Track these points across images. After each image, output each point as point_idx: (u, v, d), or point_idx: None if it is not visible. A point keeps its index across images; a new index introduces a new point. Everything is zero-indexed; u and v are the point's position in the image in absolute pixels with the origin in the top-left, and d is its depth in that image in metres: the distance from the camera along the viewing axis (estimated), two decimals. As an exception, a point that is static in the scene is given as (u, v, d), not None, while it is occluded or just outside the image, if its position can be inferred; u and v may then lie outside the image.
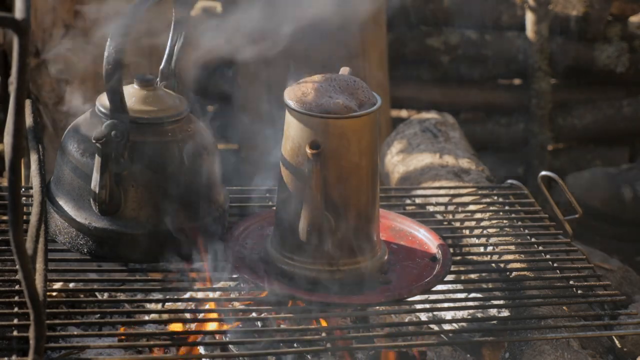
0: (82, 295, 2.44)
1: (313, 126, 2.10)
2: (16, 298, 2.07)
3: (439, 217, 2.73)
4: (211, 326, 2.20)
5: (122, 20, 2.11)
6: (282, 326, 2.20)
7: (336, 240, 2.13)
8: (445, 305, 2.31)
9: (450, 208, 2.75)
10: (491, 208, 2.73)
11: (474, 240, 2.61)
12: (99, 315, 2.26)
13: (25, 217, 2.11)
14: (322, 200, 2.08)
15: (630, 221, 3.76)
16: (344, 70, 2.24)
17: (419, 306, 2.38)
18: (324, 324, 2.19)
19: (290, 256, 2.17)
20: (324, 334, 2.12)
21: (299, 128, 2.11)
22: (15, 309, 2.04)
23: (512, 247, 2.54)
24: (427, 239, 2.40)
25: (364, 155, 2.14)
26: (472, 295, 2.31)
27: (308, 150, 2.05)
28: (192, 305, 2.29)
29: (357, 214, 2.16)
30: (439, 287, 2.29)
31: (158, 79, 2.32)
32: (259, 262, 2.23)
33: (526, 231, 2.61)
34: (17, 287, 2.11)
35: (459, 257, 2.50)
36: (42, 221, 1.93)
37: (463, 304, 2.28)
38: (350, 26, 3.88)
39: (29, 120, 2.32)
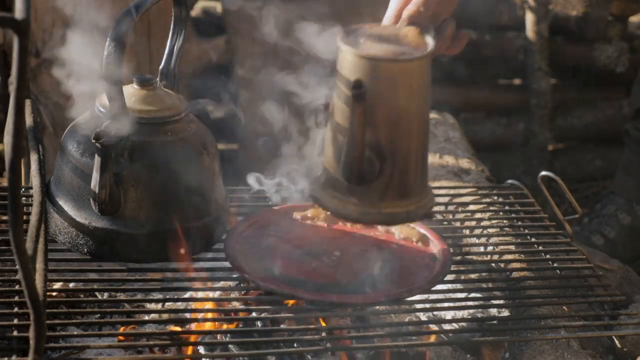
0: (82, 295, 2.44)
1: (362, 68, 2.08)
2: (16, 298, 2.07)
3: (439, 217, 2.73)
4: (211, 326, 2.20)
5: (121, 20, 2.11)
6: (282, 326, 2.20)
7: (380, 183, 2.12)
8: (445, 305, 2.31)
9: (450, 208, 2.75)
10: (491, 208, 2.73)
11: (474, 240, 2.61)
12: (99, 315, 2.26)
13: (25, 217, 2.11)
14: (363, 140, 2.06)
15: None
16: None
17: (419, 306, 2.38)
18: (323, 324, 2.19)
19: (337, 195, 2.15)
20: (324, 334, 2.12)
21: (349, 70, 2.09)
22: (15, 309, 2.04)
23: (512, 247, 2.54)
24: (428, 239, 2.40)
25: (413, 100, 2.12)
26: (472, 295, 2.31)
27: (351, 90, 2.04)
28: (192, 305, 2.29)
29: (403, 158, 2.13)
30: (439, 287, 2.29)
31: (158, 79, 2.32)
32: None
33: (526, 231, 2.61)
34: (17, 287, 2.11)
35: (459, 257, 2.50)
36: (42, 221, 1.93)
37: (463, 304, 2.28)
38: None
39: (29, 120, 2.32)
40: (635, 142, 3.72)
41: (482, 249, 2.57)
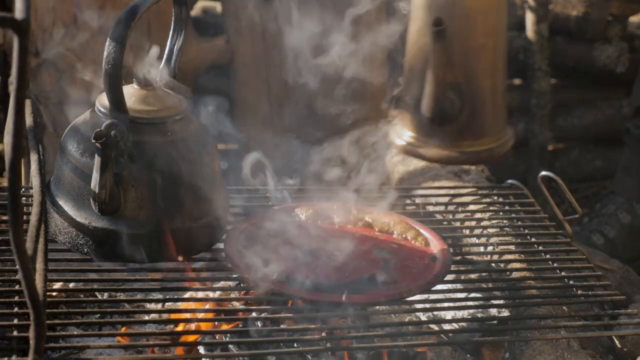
0: (82, 295, 2.44)
1: (439, 6, 2.06)
2: (16, 298, 2.07)
3: (439, 217, 2.73)
4: (211, 326, 2.20)
5: (121, 20, 2.11)
6: (282, 326, 2.20)
7: (461, 122, 2.10)
8: (445, 305, 2.31)
9: (450, 208, 2.75)
10: (491, 208, 2.73)
11: (474, 240, 2.61)
12: (99, 315, 2.26)
13: (25, 217, 2.11)
14: (445, 79, 2.04)
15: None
16: None
17: (419, 306, 2.38)
18: (323, 324, 2.19)
19: (417, 138, 2.14)
20: (324, 334, 2.12)
21: (425, 8, 2.07)
22: (15, 309, 2.04)
23: (512, 247, 2.54)
24: (428, 239, 2.41)
25: (489, 36, 2.11)
26: (472, 295, 2.31)
27: (431, 28, 2.02)
28: (192, 305, 2.29)
29: (482, 96, 2.11)
30: (439, 287, 2.29)
31: (158, 79, 2.32)
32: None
33: (526, 231, 2.61)
34: (17, 287, 2.11)
35: (459, 257, 2.50)
36: (42, 221, 1.93)
37: (463, 304, 2.28)
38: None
39: (29, 120, 2.32)
40: (636, 140, 3.72)
41: (482, 249, 2.57)
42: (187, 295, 2.25)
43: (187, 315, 2.25)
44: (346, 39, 2.17)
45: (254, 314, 2.23)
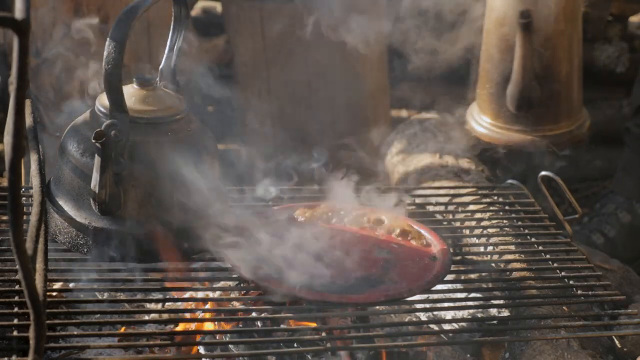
0: (82, 295, 2.44)
1: None
2: (16, 298, 2.07)
3: (439, 217, 2.73)
4: (211, 326, 2.20)
5: (121, 20, 2.11)
6: (282, 326, 2.20)
7: (543, 107, 2.16)
8: (445, 305, 2.31)
9: (450, 208, 2.75)
10: (491, 208, 2.73)
11: (474, 240, 2.61)
12: (99, 315, 2.26)
13: (25, 217, 2.11)
14: (532, 69, 2.09)
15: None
16: None
17: (419, 306, 2.38)
18: (323, 323, 2.19)
19: (499, 125, 2.18)
20: (324, 334, 2.12)
21: (508, 2, 2.12)
22: (15, 309, 2.04)
23: (512, 247, 2.54)
24: (428, 239, 2.41)
25: (569, 21, 2.17)
26: (472, 295, 2.31)
27: (519, 20, 2.06)
28: (192, 305, 2.29)
29: (563, 81, 2.17)
30: (439, 287, 2.29)
31: (158, 79, 2.32)
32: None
33: (526, 231, 2.61)
34: (17, 287, 2.11)
35: (459, 257, 2.50)
36: (42, 221, 1.93)
37: (463, 304, 2.28)
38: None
39: (29, 120, 2.32)
40: (636, 139, 3.72)
41: (482, 249, 2.57)
42: (187, 295, 2.25)
43: (187, 315, 2.25)
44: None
45: (254, 314, 2.23)
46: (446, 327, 2.29)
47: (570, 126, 2.23)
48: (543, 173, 2.71)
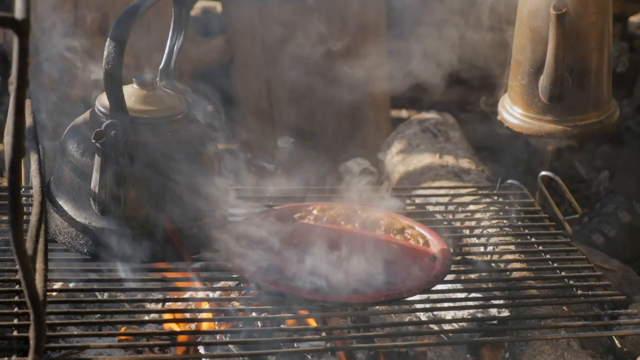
0: (82, 295, 2.44)
1: None
2: (16, 298, 2.07)
3: (439, 217, 2.73)
4: (211, 326, 2.20)
5: (121, 20, 2.10)
6: (282, 326, 2.20)
7: (574, 97, 2.22)
8: (445, 305, 2.31)
9: (450, 208, 2.75)
10: (491, 208, 2.73)
11: (474, 240, 2.60)
12: (99, 315, 2.26)
13: (25, 217, 2.11)
14: (564, 61, 2.18)
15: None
16: None
17: (419, 306, 2.38)
18: (324, 323, 2.19)
19: (530, 116, 2.24)
20: (324, 334, 2.12)
21: None
22: (15, 309, 2.04)
23: (512, 247, 2.54)
24: (428, 239, 2.41)
25: (600, 14, 2.24)
26: (472, 295, 2.31)
27: (552, 12, 2.12)
28: (192, 305, 2.29)
29: (594, 72, 2.26)
30: (439, 287, 2.29)
31: (158, 79, 2.32)
32: None
33: (526, 231, 2.61)
34: (17, 287, 2.11)
35: (459, 257, 2.50)
36: (42, 221, 1.93)
37: (463, 304, 2.28)
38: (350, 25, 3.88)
39: (29, 120, 2.32)
40: (636, 138, 3.73)
41: (482, 249, 2.57)
42: (187, 295, 2.25)
43: (187, 315, 2.25)
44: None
45: (254, 314, 2.23)
46: (446, 327, 2.29)
47: (600, 116, 2.30)
48: (543, 173, 2.71)
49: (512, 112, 2.32)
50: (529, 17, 2.25)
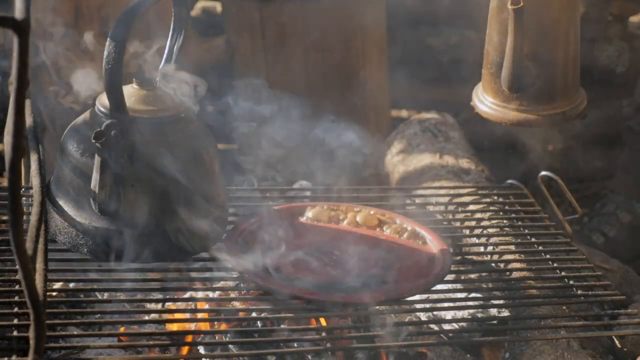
0: (82, 295, 2.44)
1: None
2: (16, 298, 2.07)
3: (439, 217, 2.73)
4: (211, 326, 2.20)
5: (121, 20, 2.10)
6: (282, 326, 2.20)
7: (537, 88, 2.36)
8: (445, 305, 2.31)
9: (450, 208, 2.75)
10: (491, 208, 2.73)
11: (474, 240, 2.61)
12: (99, 315, 2.26)
13: (25, 217, 2.11)
14: (522, 52, 2.28)
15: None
16: None
17: (419, 306, 2.38)
18: (324, 323, 2.19)
19: (497, 103, 2.34)
20: (324, 334, 2.12)
21: None
22: (15, 309, 2.04)
23: (512, 247, 2.54)
24: (428, 239, 2.41)
25: (563, 11, 2.34)
26: (472, 295, 2.31)
27: (510, 7, 2.25)
28: (192, 305, 2.29)
29: (557, 64, 2.36)
30: (439, 287, 2.29)
31: (158, 79, 2.32)
32: None
33: (526, 231, 2.61)
34: (17, 287, 2.11)
35: (459, 257, 2.50)
36: (42, 221, 1.93)
37: (463, 304, 2.28)
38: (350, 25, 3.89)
39: (29, 120, 2.32)
40: (637, 138, 3.73)
41: (482, 249, 2.57)
42: (187, 295, 2.25)
43: (187, 315, 2.25)
44: None
45: (254, 314, 2.23)
46: (446, 327, 2.29)
47: (564, 107, 2.39)
48: (543, 173, 2.71)
49: (482, 99, 2.43)
50: (497, 10, 2.35)
